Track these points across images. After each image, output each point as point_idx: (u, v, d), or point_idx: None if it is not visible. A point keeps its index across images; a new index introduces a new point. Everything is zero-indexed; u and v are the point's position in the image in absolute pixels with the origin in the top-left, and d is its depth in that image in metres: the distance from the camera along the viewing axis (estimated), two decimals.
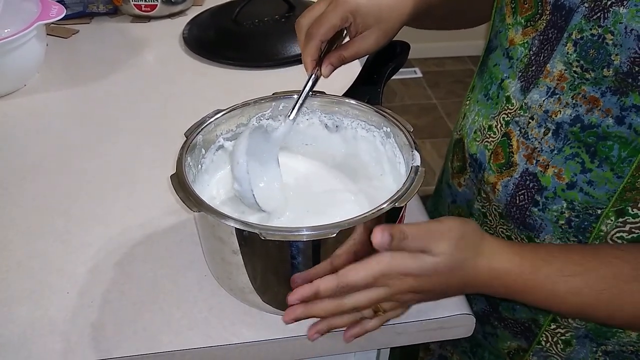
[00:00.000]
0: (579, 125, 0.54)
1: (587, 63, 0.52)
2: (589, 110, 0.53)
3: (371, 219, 0.50)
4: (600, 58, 0.51)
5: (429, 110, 2.75)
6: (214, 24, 1.13)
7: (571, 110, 0.54)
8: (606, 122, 0.52)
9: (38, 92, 0.95)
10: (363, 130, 0.66)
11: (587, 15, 0.51)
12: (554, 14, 0.55)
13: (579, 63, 0.53)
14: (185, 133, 0.60)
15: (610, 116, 0.52)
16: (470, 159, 0.67)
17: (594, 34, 0.51)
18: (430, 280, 0.50)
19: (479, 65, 0.70)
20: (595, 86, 0.52)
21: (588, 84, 0.52)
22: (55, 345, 0.56)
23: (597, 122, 0.53)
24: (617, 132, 0.52)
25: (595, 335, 0.63)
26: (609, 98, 0.51)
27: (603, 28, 0.50)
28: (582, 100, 0.53)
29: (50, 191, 0.74)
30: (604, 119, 0.52)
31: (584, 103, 0.53)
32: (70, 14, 1.13)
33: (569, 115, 0.55)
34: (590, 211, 0.57)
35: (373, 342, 0.60)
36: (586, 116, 0.53)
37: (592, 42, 0.51)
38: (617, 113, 0.51)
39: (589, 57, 0.52)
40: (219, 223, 0.50)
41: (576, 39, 0.52)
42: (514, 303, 0.66)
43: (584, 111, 0.53)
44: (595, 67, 0.51)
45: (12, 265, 0.64)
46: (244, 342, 0.56)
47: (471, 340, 0.75)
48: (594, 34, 0.51)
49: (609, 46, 0.50)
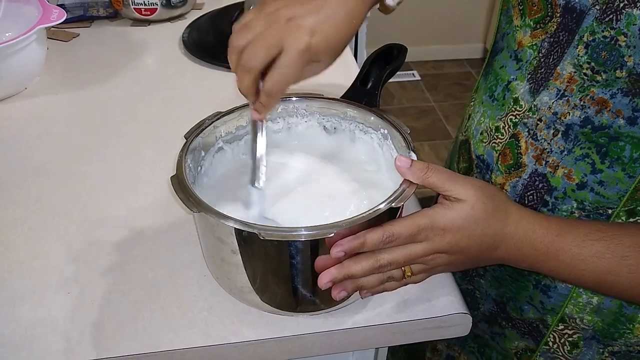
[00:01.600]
0: (589, 127, 0.54)
1: (599, 65, 0.52)
2: (598, 112, 0.53)
3: (369, 219, 0.50)
4: (613, 60, 0.51)
5: (427, 113, 2.76)
6: (214, 28, 1.13)
7: (580, 112, 0.55)
8: (617, 122, 0.53)
9: (39, 95, 0.95)
10: (361, 133, 0.67)
11: (599, 18, 0.51)
12: (565, 17, 0.55)
13: (590, 65, 0.53)
14: (185, 135, 0.61)
15: (621, 117, 0.52)
16: (477, 160, 0.68)
17: (606, 36, 0.51)
18: (467, 234, 0.51)
19: (483, 67, 0.71)
20: (606, 88, 0.52)
21: (598, 86, 0.53)
22: (56, 345, 0.56)
23: (608, 123, 0.53)
24: (629, 132, 0.52)
25: (602, 336, 0.63)
26: (620, 99, 0.52)
27: (616, 30, 0.50)
28: (590, 101, 0.54)
29: (51, 193, 0.75)
30: (615, 120, 0.53)
31: (592, 105, 0.53)
32: (71, 18, 1.14)
33: (578, 117, 0.55)
34: (601, 211, 0.57)
35: (371, 342, 0.60)
36: (596, 117, 0.54)
37: (605, 44, 0.51)
38: (629, 114, 0.52)
39: (601, 59, 0.52)
40: (219, 223, 0.51)
41: (588, 41, 0.52)
42: (522, 302, 0.67)
43: (593, 113, 0.54)
44: (607, 69, 0.51)
45: (14, 265, 0.64)
46: (244, 341, 0.57)
47: (479, 341, 0.76)
48: (606, 35, 0.51)
49: (621, 48, 0.50)
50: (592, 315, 0.62)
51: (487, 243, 0.53)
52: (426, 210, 0.52)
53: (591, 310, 0.62)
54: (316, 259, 0.52)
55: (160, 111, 0.91)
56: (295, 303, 0.57)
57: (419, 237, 0.51)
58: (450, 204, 0.52)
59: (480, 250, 0.53)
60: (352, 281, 0.52)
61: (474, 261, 0.56)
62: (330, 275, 0.51)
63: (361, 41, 1.78)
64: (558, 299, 0.63)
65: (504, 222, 0.53)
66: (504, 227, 0.53)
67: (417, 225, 0.51)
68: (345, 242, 0.50)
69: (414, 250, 0.51)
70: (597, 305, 0.61)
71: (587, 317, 0.62)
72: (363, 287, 0.54)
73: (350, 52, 1.08)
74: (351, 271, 0.51)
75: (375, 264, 0.51)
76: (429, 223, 0.51)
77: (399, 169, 0.52)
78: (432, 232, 0.51)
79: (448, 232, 0.51)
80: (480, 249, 0.53)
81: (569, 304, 0.62)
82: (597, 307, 0.61)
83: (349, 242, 0.50)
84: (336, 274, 0.51)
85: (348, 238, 0.50)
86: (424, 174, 0.51)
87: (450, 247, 0.52)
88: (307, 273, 0.53)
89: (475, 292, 0.73)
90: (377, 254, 0.51)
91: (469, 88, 2.95)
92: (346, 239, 0.50)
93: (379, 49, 0.75)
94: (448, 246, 0.52)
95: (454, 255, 0.53)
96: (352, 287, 0.53)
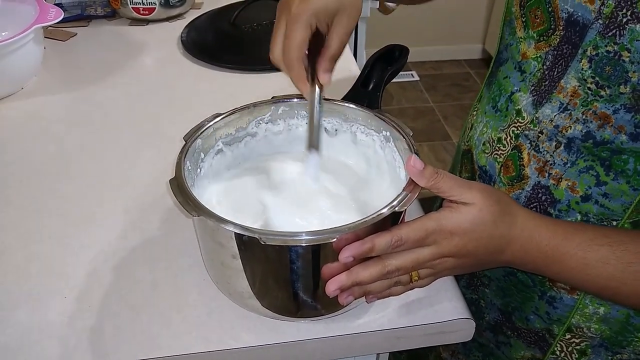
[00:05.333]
0: (591, 141, 0.54)
1: (603, 80, 0.51)
2: (600, 127, 0.53)
3: (371, 224, 0.50)
4: (617, 75, 0.50)
5: (426, 114, 2.76)
6: (212, 28, 1.13)
7: (582, 126, 0.54)
8: (620, 138, 0.52)
9: (36, 95, 0.95)
10: (362, 135, 0.66)
11: (602, 32, 0.51)
12: (568, 30, 0.54)
13: (594, 79, 0.52)
14: (184, 137, 0.60)
15: (623, 133, 0.52)
16: (479, 171, 0.67)
17: (609, 51, 0.50)
18: (475, 237, 0.51)
19: (487, 77, 0.70)
20: (609, 103, 0.52)
21: (602, 100, 0.52)
22: (53, 350, 0.55)
23: (610, 138, 0.53)
24: (632, 147, 0.52)
25: (611, 344, 0.62)
26: (622, 115, 0.51)
27: (619, 45, 0.49)
28: (593, 116, 0.53)
29: (48, 194, 0.74)
30: (617, 136, 0.52)
31: (595, 119, 0.53)
32: (68, 17, 1.13)
33: (579, 131, 0.54)
34: (606, 223, 0.57)
35: (373, 347, 0.60)
36: (598, 132, 0.53)
37: (608, 58, 0.51)
38: (632, 130, 0.51)
39: (605, 74, 0.51)
40: (219, 227, 0.50)
41: (591, 55, 0.52)
42: (527, 313, 0.66)
43: (595, 127, 0.53)
44: (611, 84, 0.51)
45: (10, 268, 0.64)
46: (243, 346, 0.56)
47: (484, 350, 0.75)
48: (609, 50, 0.50)
49: (625, 63, 0.49)
50: (599, 324, 0.61)
51: (494, 246, 0.52)
52: (433, 213, 0.51)
53: (598, 320, 0.61)
54: (323, 267, 0.51)
55: (159, 111, 0.91)
56: (296, 308, 0.56)
57: (427, 241, 0.50)
58: (457, 207, 0.51)
59: (487, 253, 0.52)
60: (359, 287, 0.52)
61: (481, 264, 0.55)
62: (339, 283, 0.50)
63: (360, 42, 1.77)
64: (564, 309, 0.62)
65: (510, 225, 0.52)
66: (510, 230, 0.52)
67: (425, 229, 0.50)
68: (354, 247, 0.49)
69: (421, 255, 0.51)
70: (604, 315, 0.60)
71: (594, 326, 0.62)
72: (370, 292, 0.53)
73: (351, 52, 1.08)
74: (359, 278, 0.50)
75: (383, 269, 0.50)
76: (437, 226, 0.50)
77: (411, 170, 0.51)
78: (439, 236, 0.50)
79: (455, 235, 0.50)
80: (487, 251, 0.52)
81: (575, 314, 0.62)
82: (604, 317, 0.61)
83: (357, 247, 0.49)
84: (345, 281, 0.50)
85: (356, 243, 0.49)
86: (434, 180, 0.51)
87: (458, 250, 0.51)
88: (308, 278, 0.52)
89: (480, 301, 0.72)
90: (384, 260, 0.50)
91: (468, 89, 2.95)
92: (354, 244, 0.49)
93: (381, 50, 0.74)
94: (455, 249, 0.51)
95: (461, 258, 0.52)
96: (360, 292, 0.52)
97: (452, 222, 0.50)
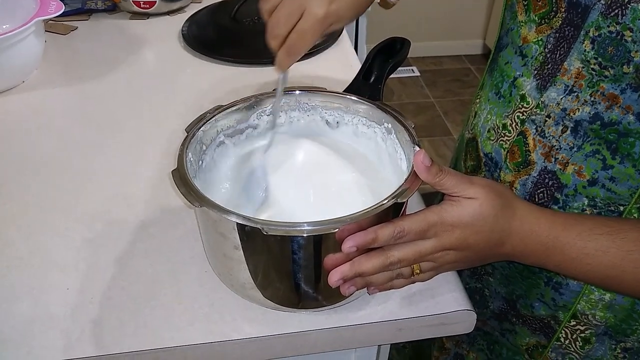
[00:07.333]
0: (598, 123, 0.54)
1: (606, 60, 0.51)
2: (609, 108, 0.53)
3: (373, 214, 0.50)
4: (620, 55, 0.50)
5: (427, 109, 2.75)
6: (213, 21, 1.13)
7: (590, 108, 0.54)
8: (627, 119, 0.52)
9: (37, 88, 0.94)
10: (364, 127, 0.66)
11: (604, 12, 0.51)
12: (570, 12, 0.54)
13: (597, 60, 0.52)
14: (186, 129, 0.60)
15: (631, 113, 0.52)
16: (485, 158, 0.67)
17: (612, 31, 0.50)
18: (476, 231, 0.51)
19: (488, 63, 0.70)
20: (615, 83, 0.52)
21: (607, 81, 0.52)
22: (55, 342, 0.55)
23: (617, 119, 0.53)
24: (638, 128, 0.52)
25: (615, 332, 0.62)
26: (629, 95, 0.51)
27: (621, 25, 0.49)
28: (601, 97, 0.53)
29: (50, 187, 0.74)
30: (625, 116, 0.52)
31: (603, 100, 0.53)
32: (69, 11, 1.13)
33: (587, 113, 0.54)
34: (613, 208, 0.57)
35: (374, 338, 0.60)
36: (606, 113, 0.53)
37: (611, 39, 0.51)
38: (639, 110, 0.51)
39: (608, 54, 0.51)
40: (221, 218, 0.50)
41: (594, 36, 0.52)
42: (533, 300, 0.66)
43: (603, 108, 0.53)
44: (614, 64, 0.51)
45: (12, 261, 0.64)
46: (245, 337, 0.56)
47: (488, 338, 0.75)
48: (612, 30, 0.50)
49: (628, 43, 0.49)
50: (604, 312, 0.61)
51: (494, 239, 0.53)
52: (435, 206, 0.52)
53: (603, 307, 0.61)
54: (325, 257, 0.51)
55: (160, 105, 0.91)
56: (298, 299, 0.56)
57: (429, 234, 0.51)
58: (458, 200, 0.51)
59: (488, 246, 0.53)
60: (362, 278, 0.52)
61: (481, 258, 0.55)
62: (341, 273, 0.50)
63: (361, 37, 1.77)
64: (570, 295, 0.63)
65: (510, 218, 0.53)
66: (511, 223, 0.53)
67: (427, 221, 0.50)
68: (357, 237, 0.49)
69: (423, 247, 0.51)
70: (610, 301, 0.61)
71: (599, 314, 0.62)
72: (372, 284, 0.53)
73: (352, 46, 1.07)
74: (362, 269, 0.51)
75: (386, 260, 0.51)
76: (438, 219, 0.51)
77: (417, 164, 0.51)
78: (441, 228, 0.51)
79: (457, 228, 0.51)
80: (488, 245, 0.53)
81: (581, 300, 0.62)
82: (609, 304, 0.61)
83: (361, 237, 0.49)
84: (347, 272, 0.50)
85: (360, 233, 0.49)
86: (439, 176, 0.51)
87: (459, 243, 0.52)
88: (310, 269, 0.53)
89: (484, 290, 0.72)
90: (387, 251, 0.51)
91: (468, 84, 2.94)
92: (358, 234, 0.49)
93: (382, 42, 0.74)
94: (457, 242, 0.51)
95: (462, 251, 0.53)
96: (362, 283, 0.53)
97: (454, 215, 0.51)
